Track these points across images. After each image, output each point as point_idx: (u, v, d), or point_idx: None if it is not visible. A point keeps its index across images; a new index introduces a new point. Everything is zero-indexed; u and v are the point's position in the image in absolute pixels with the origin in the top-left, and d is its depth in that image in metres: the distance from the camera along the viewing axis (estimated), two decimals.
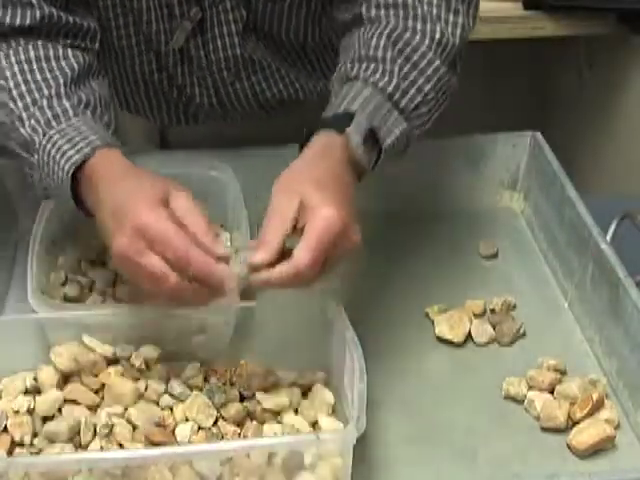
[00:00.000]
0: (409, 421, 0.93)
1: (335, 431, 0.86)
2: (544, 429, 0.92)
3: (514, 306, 1.07)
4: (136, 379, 0.91)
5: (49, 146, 0.91)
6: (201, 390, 0.89)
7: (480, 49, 1.73)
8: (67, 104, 0.94)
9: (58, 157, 0.90)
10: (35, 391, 0.89)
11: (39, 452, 0.85)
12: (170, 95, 1.19)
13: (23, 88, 0.95)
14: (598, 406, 0.92)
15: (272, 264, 0.82)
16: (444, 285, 1.10)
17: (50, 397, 0.88)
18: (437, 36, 0.97)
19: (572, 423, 0.92)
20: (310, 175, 0.87)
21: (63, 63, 0.98)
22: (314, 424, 0.88)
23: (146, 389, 0.90)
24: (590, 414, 0.91)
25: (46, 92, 0.95)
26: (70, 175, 0.89)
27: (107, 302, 1.02)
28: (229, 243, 1.10)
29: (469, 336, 1.03)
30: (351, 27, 1.02)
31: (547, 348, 1.01)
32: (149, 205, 0.83)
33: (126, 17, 1.09)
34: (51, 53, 0.99)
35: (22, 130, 0.94)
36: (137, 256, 0.81)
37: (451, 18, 0.99)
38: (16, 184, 1.18)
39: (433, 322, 1.04)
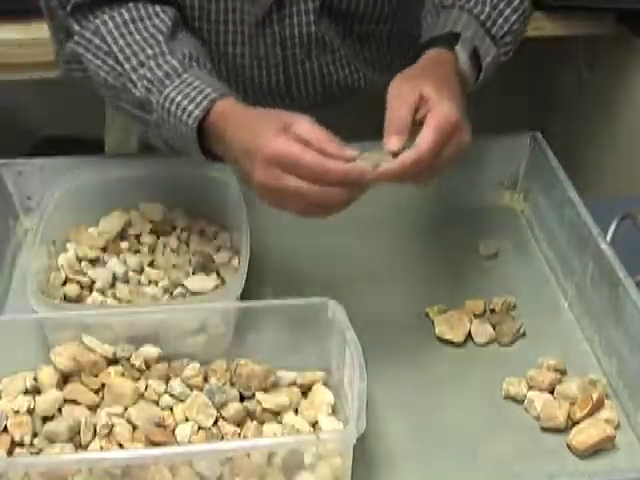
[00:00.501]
0: (409, 421, 0.93)
1: (335, 431, 0.86)
2: (544, 429, 0.92)
3: (514, 306, 1.07)
4: (136, 379, 0.91)
5: (167, 104, 0.97)
6: (201, 390, 0.89)
7: None
8: (174, 61, 1.00)
9: (179, 113, 0.96)
10: (35, 391, 0.89)
11: (39, 452, 0.85)
12: (235, 78, 1.19)
13: (127, 51, 1.01)
14: (598, 406, 0.92)
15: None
16: (444, 285, 1.10)
17: (50, 397, 0.88)
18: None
19: (572, 423, 0.92)
20: (428, 75, 0.96)
21: (156, 20, 1.04)
22: (314, 424, 0.88)
23: (146, 389, 0.90)
24: (590, 414, 0.91)
25: (150, 52, 1.01)
26: (195, 129, 0.95)
27: (107, 302, 1.02)
28: (229, 243, 1.10)
29: (469, 336, 1.03)
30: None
31: (547, 348, 1.01)
32: (274, 134, 0.88)
33: None
34: (143, 13, 1.04)
35: (135, 91, 1.00)
36: (276, 182, 0.87)
37: None
38: (16, 184, 1.18)
39: (433, 322, 1.04)
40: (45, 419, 0.87)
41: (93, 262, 1.06)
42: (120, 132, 1.33)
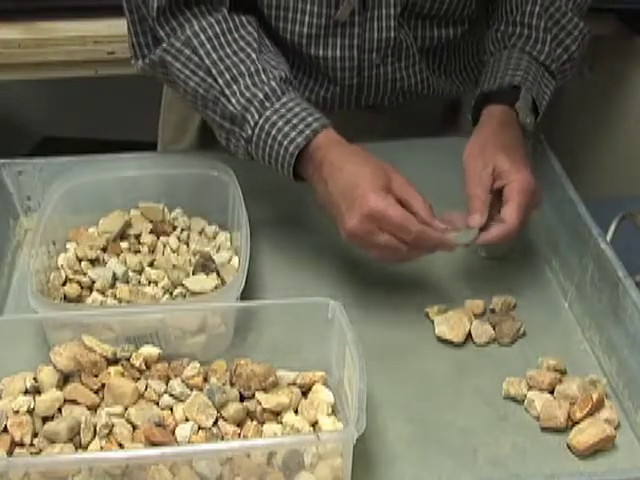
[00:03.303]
0: (409, 421, 0.93)
1: (335, 431, 0.86)
2: (544, 429, 0.92)
3: (514, 306, 1.07)
4: (136, 379, 0.91)
5: (267, 126, 1.02)
6: (201, 390, 0.89)
7: None
8: (273, 83, 1.04)
9: (280, 138, 1.01)
10: (35, 391, 0.89)
11: (39, 452, 0.85)
12: (309, 79, 1.19)
13: (221, 66, 1.04)
14: (598, 406, 0.92)
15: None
16: (444, 285, 1.10)
17: (50, 397, 0.88)
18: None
19: (572, 423, 0.92)
20: (498, 143, 1.04)
21: (243, 32, 1.07)
22: (314, 424, 0.88)
23: (146, 389, 0.90)
24: (590, 414, 0.91)
25: (243, 68, 1.04)
26: (295, 156, 1.00)
27: (107, 302, 1.02)
28: (229, 243, 1.10)
29: (469, 336, 1.03)
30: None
31: (547, 348, 1.01)
32: (377, 192, 0.95)
33: None
34: (231, 25, 1.07)
35: (229, 105, 1.04)
36: (367, 235, 0.96)
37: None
38: (16, 184, 1.18)
39: (433, 322, 1.04)
40: (45, 419, 0.87)
41: (93, 262, 1.06)
42: (175, 130, 1.34)
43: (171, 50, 1.06)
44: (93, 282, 1.04)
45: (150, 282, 1.05)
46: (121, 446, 0.84)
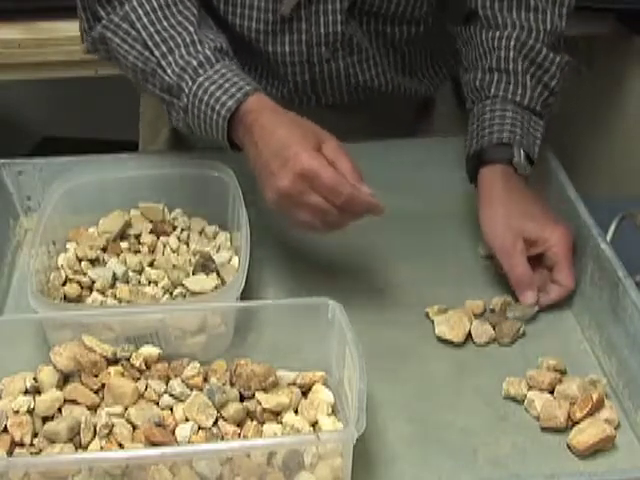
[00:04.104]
0: (409, 421, 0.93)
1: (335, 431, 0.86)
2: (544, 429, 0.92)
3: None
4: (136, 379, 0.91)
5: (200, 92, 1.01)
6: (201, 390, 0.89)
7: None
8: (207, 52, 1.03)
9: (212, 102, 1.00)
10: (35, 391, 0.89)
11: (39, 452, 0.84)
12: (263, 74, 1.20)
13: (157, 38, 1.05)
14: (598, 406, 0.92)
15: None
16: (444, 285, 1.10)
17: (50, 397, 0.88)
18: (549, 27, 1.12)
19: (572, 423, 0.92)
20: (516, 211, 1.05)
21: (182, 7, 1.07)
22: (314, 424, 0.88)
23: (146, 389, 0.90)
24: (590, 414, 0.91)
25: (179, 40, 1.04)
26: (227, 119, 0.99)
27: (107, 302, 1.02)
28: (229, 243, 1.10)
29: (469, 336, 1.03)
30: (468, 22, 1.16)
31: (547, 348, 1.01)
32: (309, 151, 0.94)
33: None
34: (170, 0, 1.07)
35: (165, 76, 1.04)
36: (299, 194, 0.94)
37: (555, 9, 1.14)
38: (16, 184, 1.18)
39: (433, 322, 1.04)
40: (45, 419, 0.87)
41: (93, 262, 1.06)
42: (149, 126, 1.34)
43: (110, 26, 1.07)
44: (93, 282, 1.04)
45: (150, 282, 1.05)
46: (121, 446, 0.84)
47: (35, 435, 0.86)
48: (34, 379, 0.90)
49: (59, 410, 0.88)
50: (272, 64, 1.18)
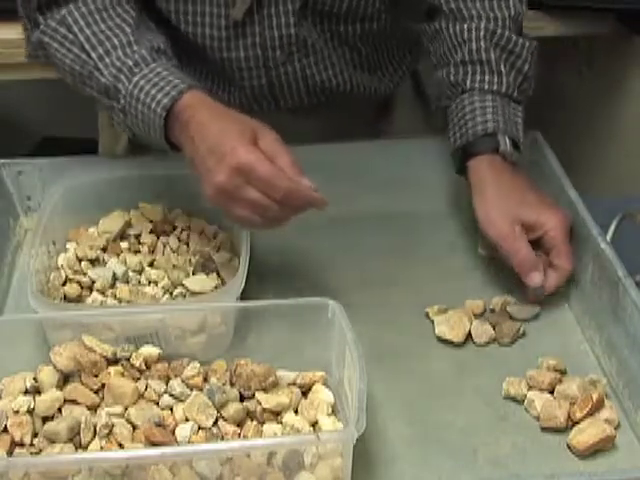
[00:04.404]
0: (409, 421, 0.93)
1: (335, 431, 0.86)
2: (544, 429, 0.92)
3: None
4: (136, 379, 0.91)
5: (136, 91, 1.00)
6: (201, 390, 0.89)
7: None
8: (143, 51, 1.03)
9: (148, 101, 0.99)
10: (35, 391, 0.89)
11: (39, 452, 0.84)
12: (218, 80, 1.19)
13: (93, 40, 1.04)
14: (598, 406, 0.92)
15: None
16: (444, 285, 1.10)
17: (50, 397, 0.88)
18: (512, 12, 1.13)
19: (572, 423, 0.92)
20: (511, 198, 1.04)
21: (120, 10, 1.07)
22: (314, 424, 0.88)
23: (146, 389, 0.90)
24: (590, 414, 0.91)
25: (116, 41, 1.04)
26: (163, 117, 0.98)
27: (107, 302, 1.02)
28: (229, 243, 1.10)
29: (469, 336, 1.03)
30: (431, 18, 1.16)
31: (547, 348, 1.01)
32: (245, 145, 0.92)
33: None
34: (107, 2, 1.07)
35: (101, 78, 1.03)
36: (236, 189, 0.92)
37: None
38: (16, 184, 1.18)
39: (433, 322, 1.04)
40: (45, 419, 0.87)
41: (93, 262, 1.06)
42: (111, 130, 1.34)
43: (47, 30, 1.07)
44: (93, 282, 1.04)
45: (150, 282, 1.05)
46: (121, 446, 0.84)
47: (35, 435, 0.86)
48: (34, 379, 0.90)
49: (59, 410, 0.88)
50: (228, 71, 1.18)
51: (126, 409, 0.87)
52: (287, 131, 0.97)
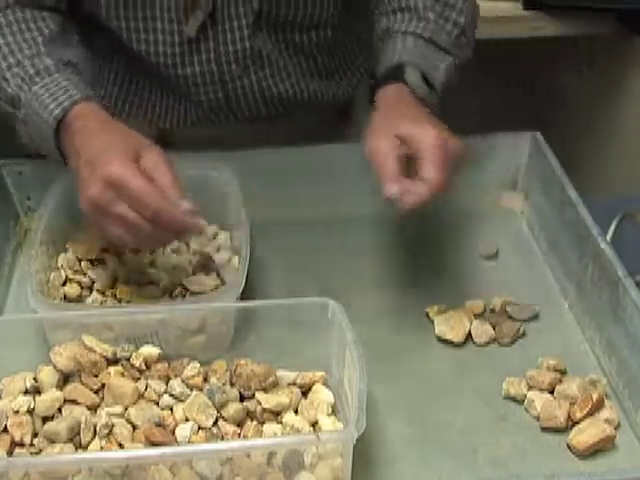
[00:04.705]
0: (409, 421, 0.93)
1: (335, 431, 0.86)
2: (544, 429, 0.92)
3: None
4: (136, 379, 0.91)
5: (34, 101, 0.98)
6: (201, 390, 0.89)
7: (480, 49, 1.73)
8: (48, 61, 1.01)
9: (41, 111, 0.98)
10: (35, 391, 0.89)
11: (39, 452, 0.84)
12: (174, 96, 1.19)
13: (5, 50, 1.03)
14: (598, 406, 0.92)
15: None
16: (444, 285, 1.10)
17: (50, 397, 0.88)
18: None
19: (572, 423, 0.92)
20: (396, 114, 0.99)
21: (41, 24, 1.05)
22: (314, 424, 0.88)
23: (146, 389, 0.90)
24: (590, 414, 0.91)
25: (27, 52, 1.02)
26: (54, 128, 0.97)
27: (107, 302, 1.02)
28: (229, 243, 1.10)
29: (469, 336, 1.03)
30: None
31: (547, 348, 1.01)
32: (121, 159, 0.88)
33: (136, 10, 1.10)
34: (28, 15, 1.05)
35: (7, 88, 1.01)
36: (107, 204, 0.88)
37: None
38: (16, 184, 1.18)
39: (433, 322, 1.04)
40: (45, 419, 0.87)
41: (93, 262, 1.06)
42: None
43: None
44: (93, 282, 1.04)
45: (150, 282, 1.05)
46: (121, 446, 0.84)
47: (35, 435, 0.86)
48: (34, 379, 0.90)
49: (59, 410, 0.88)
50: (183, 86, 1.17)
51: (126, 409, 0.87)
52: (247, 140, 0.97)
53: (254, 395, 0.90)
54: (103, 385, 0.90)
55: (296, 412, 0.90)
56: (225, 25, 1.11)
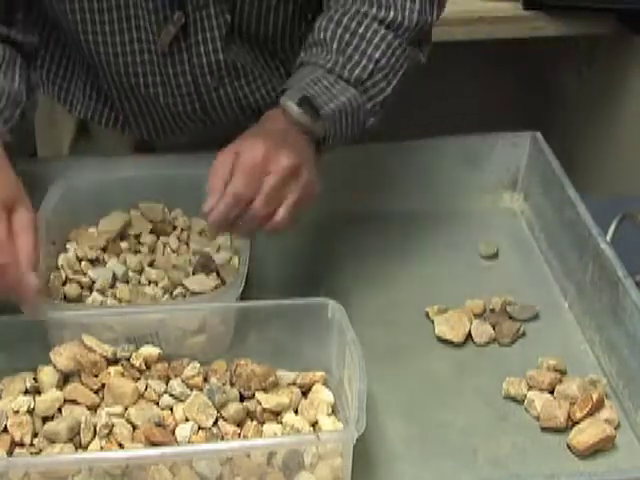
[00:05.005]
0: (409, 421, 0.93)
1: (335, 431, 0.86)
2: (544, 429, 0.92)
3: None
4: (136, 379, 0.91)
5: None
6: (201, 390, 0.89)
7: (480, 49, 1.73)
8: None
9: None
10: (35, 391, 0.89)
11: (39, 452, 0.84)
12: (150, 108, 1.18)
13: None
14: (598, 406, 0.92)
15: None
16: (444, 285, 1.10)
17: (50, 397, 0.88)
18: (389, 18, 1.03)
19: (572, 423, 0.92)
20: (246, 134, 0.96)
21: None
22: (314, 424, 0.88)
23: (146, 389, 0.90)
24: (590, 414, 0.91)
25: None
26: None
27: (107, 302, 1.02)
28: (229, 243, 1.10)
29: (469, 336, 1.03)
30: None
31: (547, 348, 1.01)
32: None
33: (95, 26, 1.08)
34: None
35: None
36: None
37: (407, 4, 1.04)
38: None
39: (433, 322, 1.04)
40: (45, 419, 0.87)
41: (93, 262, 1.06)
42: (49, 130, 1.33)
43: None
44: (93, 282, 1.04)
45: (150, 282, 1.05)
46: (121, 446, 0.84)
47: (35, 435, 0.86)
48: (34, 379, 0.90)
49: (59, 410, 0.88)
50: (160, 98, 1.16)
51: (126, 409, 0.87)
52: (224, 145, 0.96)
53: (254, 395, 0.90)
54: (103, 385, 0.90)
55: (296, 412, 0.90)
56: (198, 37, 1.10)
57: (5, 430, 0.86)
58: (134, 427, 0.86)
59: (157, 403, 0.89)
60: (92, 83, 1.19)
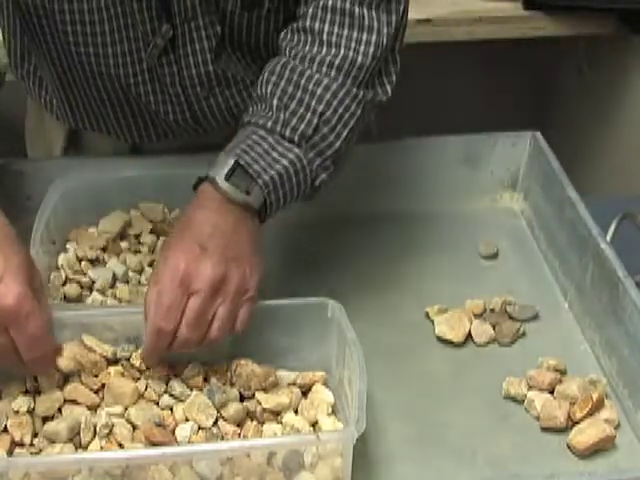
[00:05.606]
0: (409, 421, 0.93)
1: (335, 431, 0.86)
2: (544, 429, 0.92)
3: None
4: (136, 379, 0.91)
5: None
6: (201, 390, 0.89)
7: (480, 49, 1.73)
8: None
9: None
10: (35, 391, 0.89)
11: (39, 452, 0.85)
12: (141, 114, 1.18)
13: None
14: (598, 406, 0.92)
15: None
16: (444, 285, 1.10)
17: (50, 397, 0.88)
18: (337, 61, 0.97)
19: (572, 423, 0.92)
20: (170, 239, 0.91)
21: None
22: (314, 424, 0.88)
23: (146, 389, 0.90)
24: (590, 414, 0.91)
25: None
26: None
27: (107, 302, 1.02)
28: None
29: (469, 336, 1.03)
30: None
31: (547, 348, 1.01)
32: (22, 287, 0.83)
33: (86, 37, 1.07)
34: None
35: None
36: None
37: (364, 37, 0.98)
38: (16, 184, 1.18)
39: (433, 322, 1.04)
40: (45, 419, 0.87)
41: (93, 262, 1.06)
42: (40, 133, 1.33)
43: None
44: (93, 282, 1.04)
45: None
46: (121, 446, 0.84)
47: (35, 435, 0.86)
48: (34, 379, 0.90)
49: (59, 410, 0.88)
50: (151, 108, 1.15)
51: (126, 409, 0.87)
52: (218, 150, 0.95)
53: (254, 395, 0.90)
54: (103, 385, 0.90)
55: (296, 412, 0.90)
56: (187, 49, 1.09)
57: (5, 430, 0.86)
58: (134, 427, 0.86)
59: (157, 403, 0.89)
60: (83, 91, 1.18)
